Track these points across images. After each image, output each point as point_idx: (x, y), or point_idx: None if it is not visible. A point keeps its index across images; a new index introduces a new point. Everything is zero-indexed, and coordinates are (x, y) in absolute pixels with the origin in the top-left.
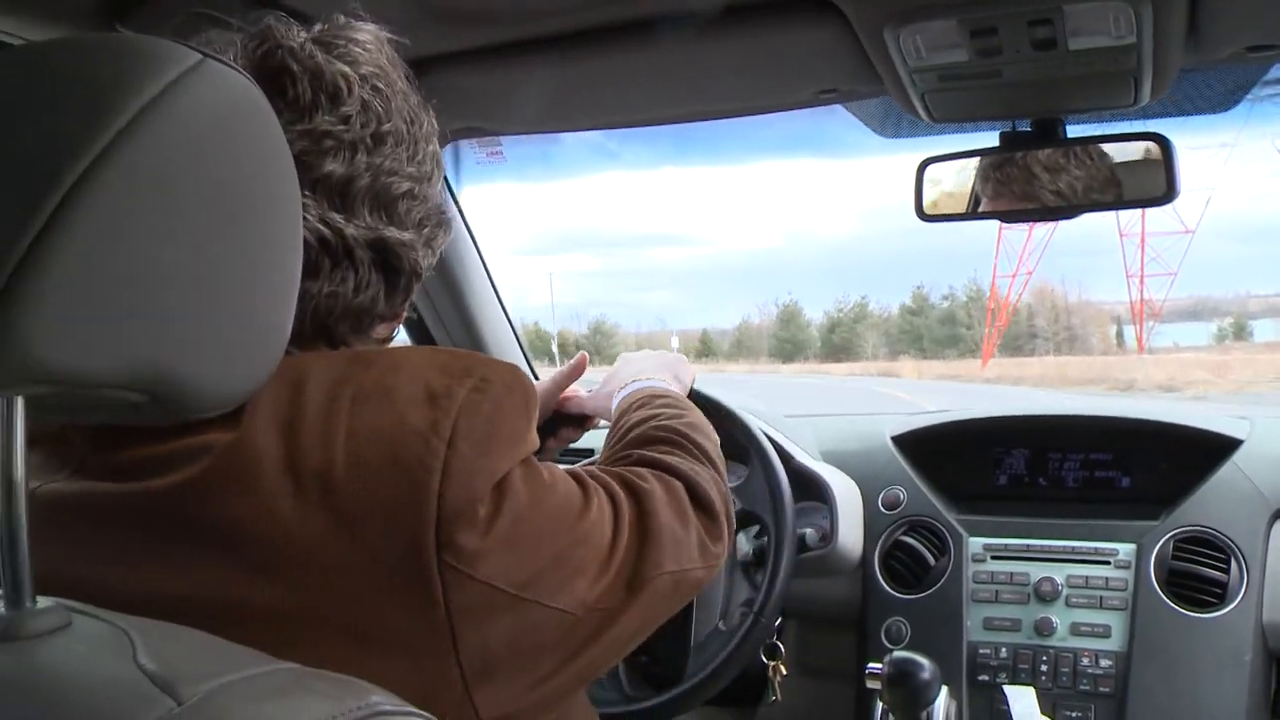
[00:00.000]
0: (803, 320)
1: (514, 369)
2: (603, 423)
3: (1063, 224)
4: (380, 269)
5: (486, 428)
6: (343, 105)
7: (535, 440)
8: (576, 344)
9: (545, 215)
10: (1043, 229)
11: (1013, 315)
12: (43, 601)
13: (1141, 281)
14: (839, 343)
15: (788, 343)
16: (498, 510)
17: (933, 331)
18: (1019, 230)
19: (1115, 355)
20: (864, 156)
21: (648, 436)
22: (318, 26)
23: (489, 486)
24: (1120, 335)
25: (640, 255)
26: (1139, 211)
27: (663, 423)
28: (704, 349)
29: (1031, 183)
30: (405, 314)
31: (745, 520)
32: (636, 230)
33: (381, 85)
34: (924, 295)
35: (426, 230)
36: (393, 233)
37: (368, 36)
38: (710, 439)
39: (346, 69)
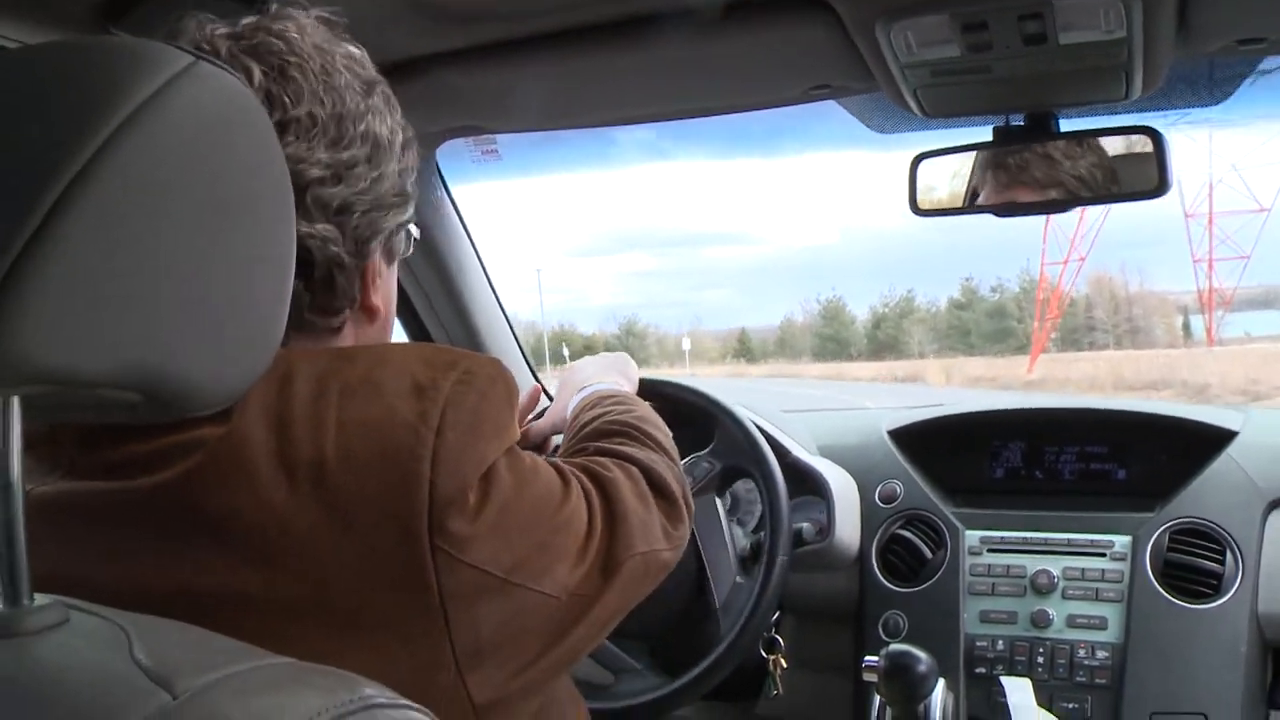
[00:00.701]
0: (847, 317)
1: (496, 362)
2: (557, 441)
3: (1121, 209)
4: None
5: (472, 418)
6: None
7: (517, 431)
8: (607, 345)
9: (601, 215)
10: (1095, 211)
11: (1066, 307)
12: (40, 598)
13: (1210, 266)
14: (884, 340)
15: (831, 341)
16: (486, 497)
17: (980, 326)
18: (1070, 213)
19: (1182, 349)
20: (917, 148)
21: (601, 430)
22: (244, 20)
23: (477, 475)
24: (1187, 326)
25: (697, 254)
26: (1205, 189)
27: (614, 417)
28: (742, 349)
29: (1029, 176)
30: (374, 306)
31: (732, 475)
32: (692, 229)
33: (294, 73)
34: (973, 288)
35: (356, 216)
36: (299, 226)
37: (289, 24)
38: (661, 430)
39: (250, 61)
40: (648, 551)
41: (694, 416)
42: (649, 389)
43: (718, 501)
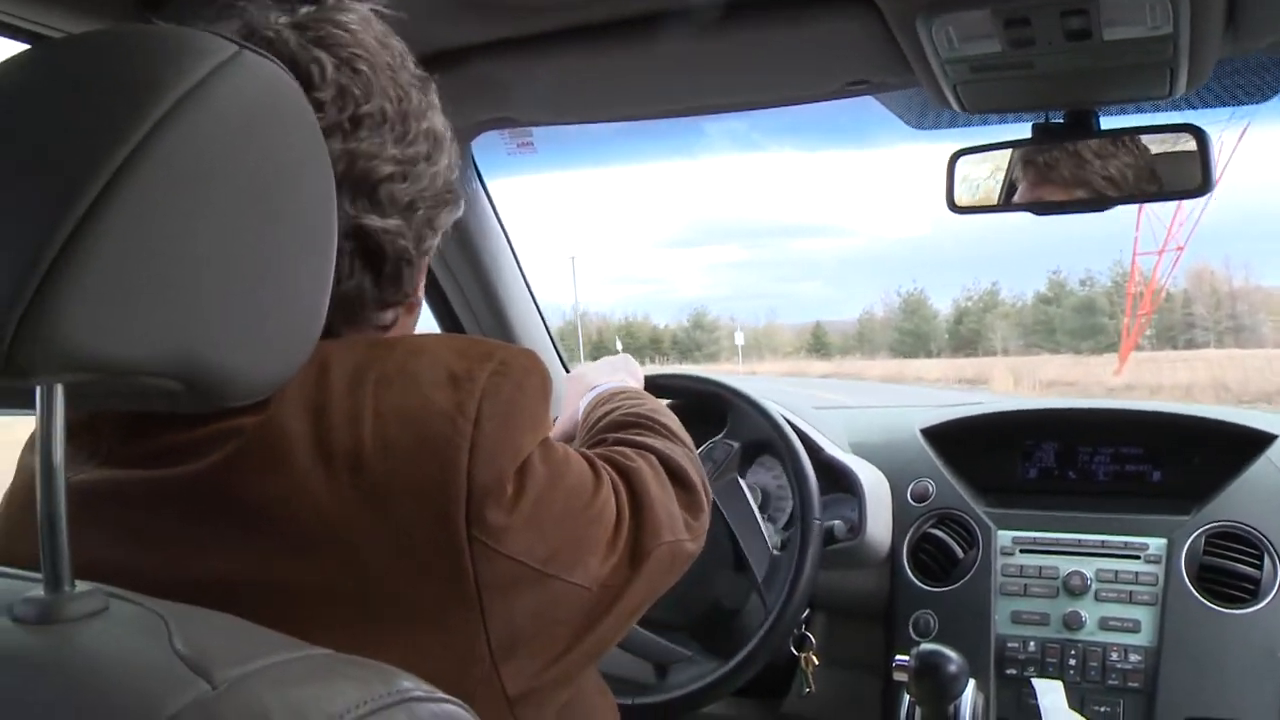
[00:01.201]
0: (928, 311)
1: (531, 354)
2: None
3: (1226, 198)
4: (362, 258)
5: (508, 409)
6: (316, 91)
7: (551, 422)
8: (674, 338)
9: (691, 206)
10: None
11: (1161, 301)
12: (81, 586)
13: None
14: (966, 335)
15: (910, 335)
16: (521, 489)
17: (1066, 322)
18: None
19: None
20: (958, 143)
21: (617, 422)
22: (303, 9)
23: (514, 466)
24: None
25: (787, 246)
26: None
27: (629, 409)
28: (816, 343)
29: (1068, 173)
30: (416, 299)
31: (751, 452)
32: (783, 221)
33: (363, 66)
34: (1060, 281)
35: (420, 213)
36: (373, 220)
37: (352, 17)
38: (675, 421)
39: (321, 53)
40: (673, 541)
41: (706, 404)
42: (655, 385)
43: (742, 482)
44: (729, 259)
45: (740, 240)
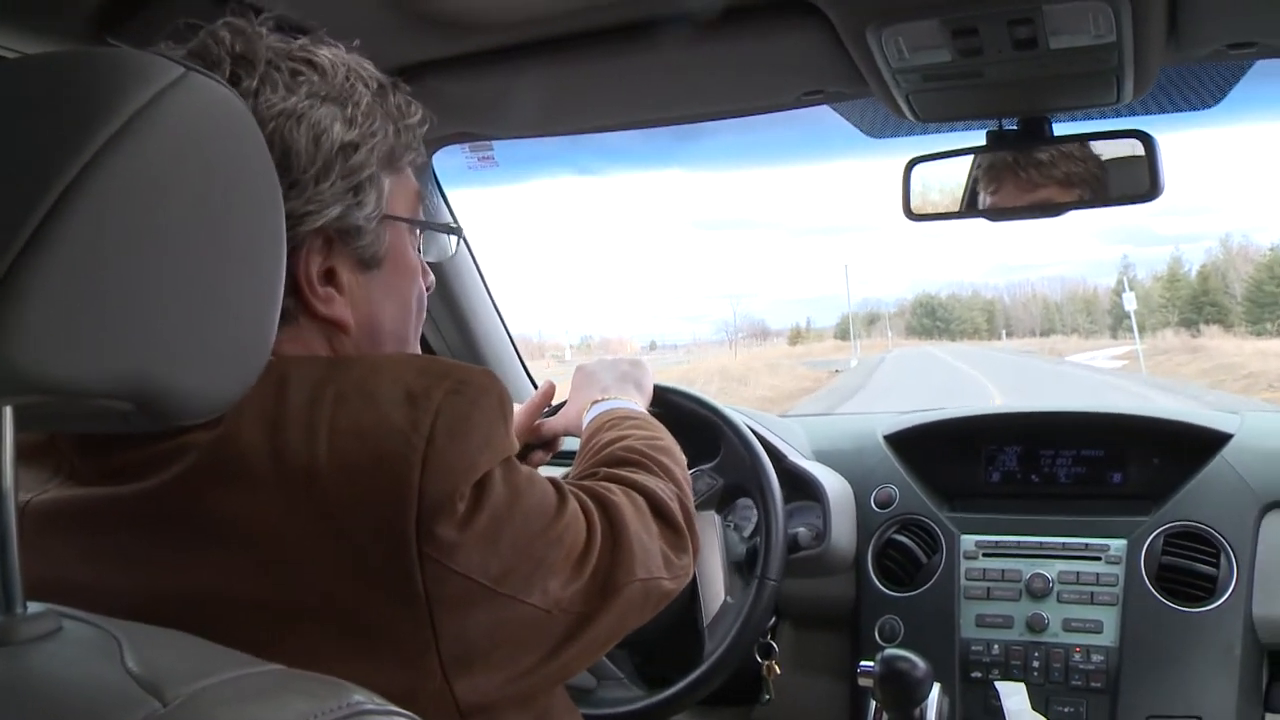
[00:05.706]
0: None
1: (489, 374)
2: (565, 444)
3: None
4: None
5: (464, 427)
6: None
7: (514, 443)
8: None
9: None
10: None
11: None
12: (34, 607)
13: None
14: None
15: None
16: (478, 506)
17: None
18: None
19: None
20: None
21: (616, 457)
22: (219, 22)
23: (468, 483)
24: None
25: None
26: None
27: (630, 444)
28: None
29: (1027, 179)
30: (330, 315)
31: (733, 493)
32: None
33: (242, 72)
34: None
35: (305, 221)
36: None
37: (245, 27)
38: (676, 460)
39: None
40: (648, 579)
41: (700, 427)
42: (659, 397)
43: (716, 518)
44: None
45: None
